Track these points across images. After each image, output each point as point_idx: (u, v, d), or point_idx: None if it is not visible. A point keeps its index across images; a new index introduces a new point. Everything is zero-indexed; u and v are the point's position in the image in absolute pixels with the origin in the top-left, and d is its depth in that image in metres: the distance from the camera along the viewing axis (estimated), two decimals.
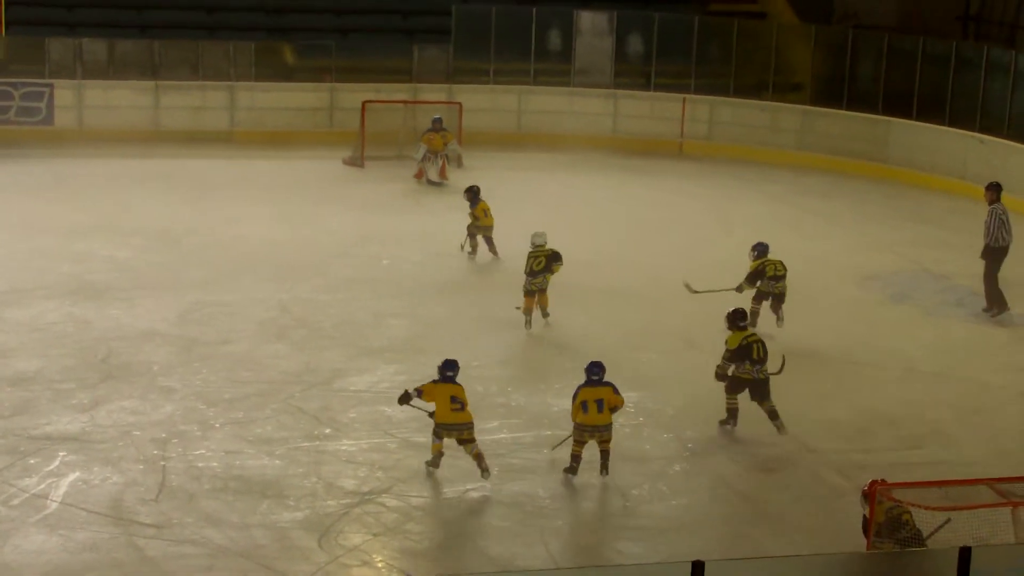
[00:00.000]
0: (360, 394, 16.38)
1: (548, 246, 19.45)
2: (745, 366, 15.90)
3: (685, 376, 17.51)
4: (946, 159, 30.01)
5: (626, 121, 33.96)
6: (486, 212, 22.70)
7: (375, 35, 35.89)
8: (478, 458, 14.16)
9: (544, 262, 19.45)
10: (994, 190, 21.15)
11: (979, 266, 21.08)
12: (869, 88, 31.99)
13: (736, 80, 33.56)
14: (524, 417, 15.86)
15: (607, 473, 14.54)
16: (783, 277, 19.54)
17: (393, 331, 18.83)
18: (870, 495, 11.78)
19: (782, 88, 33.77)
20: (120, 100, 32.13)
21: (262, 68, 33.34)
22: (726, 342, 16.03)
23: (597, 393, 14.66)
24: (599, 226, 24.79)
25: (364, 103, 30.93)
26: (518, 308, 19.43)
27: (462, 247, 22.65)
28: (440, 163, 29.47)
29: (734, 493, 14.42)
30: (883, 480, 12.02)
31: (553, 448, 15.04)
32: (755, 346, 15.99)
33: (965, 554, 9.41)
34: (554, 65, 34.67)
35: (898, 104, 30.95)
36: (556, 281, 19.64)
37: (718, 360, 15.96)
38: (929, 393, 17.46)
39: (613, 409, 14.60)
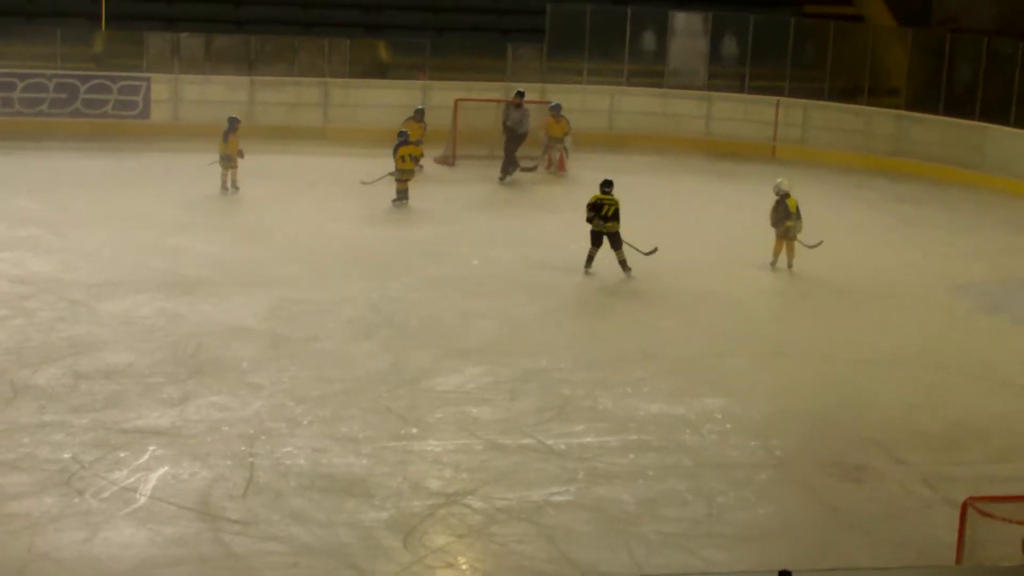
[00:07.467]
0: (447, 394, 16.39)
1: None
2: (596, 220, 21.44)
3: (773, 384, 17.39)
4: None
5: (719, 123, 33.85)
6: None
7: (469, 33, 35.98)
8: None
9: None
10: (518, 96, 29.84)
11: None
12: (966, 93, 31.61)
13: (831, 84, 33.30)
14: (610, 421, 15.79)
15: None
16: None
17: (481, 332, 18.83)
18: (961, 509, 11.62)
19: (878, 92, 33.48)
20: (216, 95, 32.44)
21: (356, 65, 33.55)
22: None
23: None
24: (690, 229, 24.69)
25: (456, 101, 31.00)
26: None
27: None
28: (559, 154, 29.83)
29: (821, 503, 14.27)
30: None
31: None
32: (606, 205, 21.56)
33: None
34: (647, 66, 34.64)
35: (996, 110, 30.56)
36: (646, 284, 19.60)
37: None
38: (1021, 406, 17.20)
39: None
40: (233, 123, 26.84)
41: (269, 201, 25.97)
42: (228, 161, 26.52)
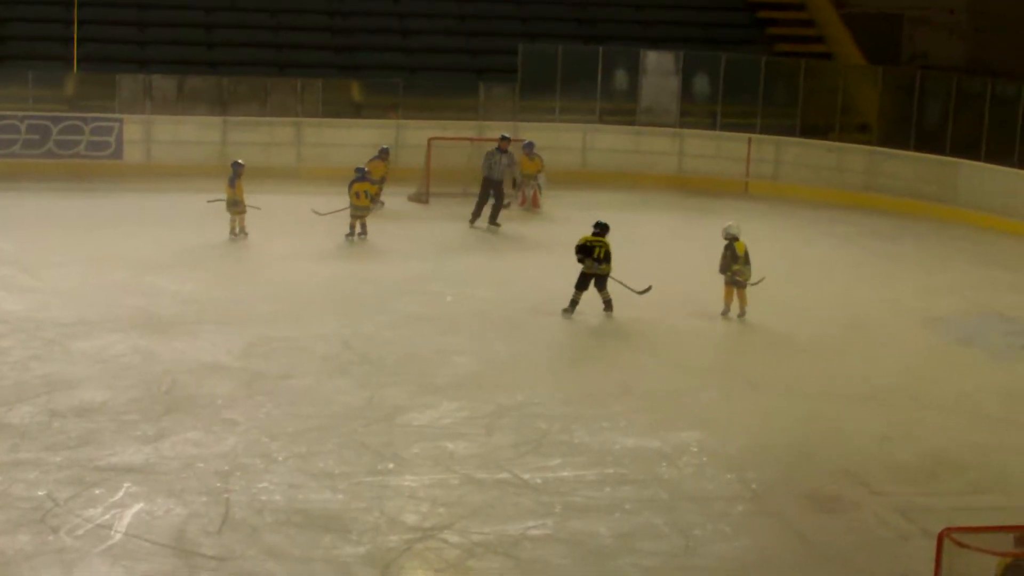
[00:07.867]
0: (423, 429, 16.35)
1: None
2: (587, 262, 21.06)
3: (749, 417, 17.39)
4: (1015, 201, 29.78)
5: (692, 160, 33.99)
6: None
7: (442, 73, 36.08)
8: None
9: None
10: (504, 140, 28.86)
11: None
12: (937, 129, 31.79)
13: (802, 120, 33.48)
14: (587, 455, 15.78)
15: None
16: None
17: (456, 368, 18.82)
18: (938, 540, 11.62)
19: (849, 129, 33.66)
20: (188, 135, 32.48)
21: (329, 105, 33.60)
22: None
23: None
24: (664, 265, 24.71)
25: (430, 140, 31.05)
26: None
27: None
28: (532, 191, 29.82)
29: (797, 535, 14.27)
30: None
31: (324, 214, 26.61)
32: (597, 248, 21.17)
33: None
34: (620, 104, 34.76)
35: (966, 146, 30.73)
36: (621, 321, 19.60)
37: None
38: (996, 438, 17.24)
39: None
40: (237, 168, 26.44)
41: (243, 240, 25.93)
42: (236, 206, 26.20)
